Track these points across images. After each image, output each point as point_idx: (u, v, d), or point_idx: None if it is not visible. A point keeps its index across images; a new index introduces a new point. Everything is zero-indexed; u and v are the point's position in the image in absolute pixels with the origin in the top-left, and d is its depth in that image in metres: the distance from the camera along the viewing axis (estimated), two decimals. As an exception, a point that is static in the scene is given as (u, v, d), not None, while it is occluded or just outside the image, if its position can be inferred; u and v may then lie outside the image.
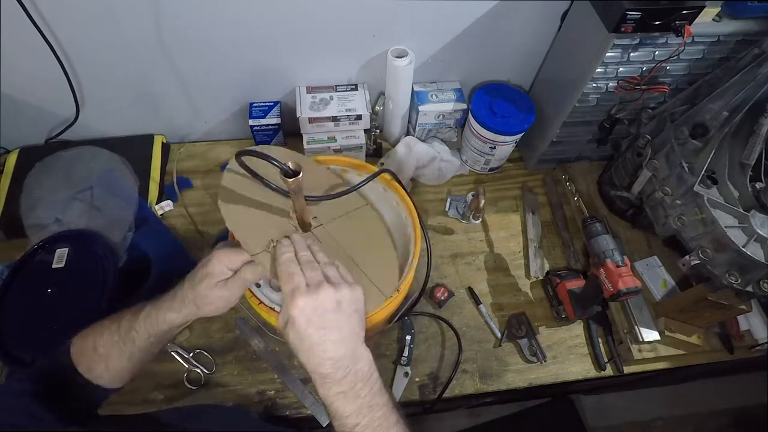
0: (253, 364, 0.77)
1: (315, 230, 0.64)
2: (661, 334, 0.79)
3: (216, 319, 0.81)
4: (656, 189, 0.78)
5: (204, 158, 1.01)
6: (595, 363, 0.81)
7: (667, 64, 0.76)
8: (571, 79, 0.83)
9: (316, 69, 0.92)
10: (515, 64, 0.97)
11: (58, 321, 0.70)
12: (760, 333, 0.81)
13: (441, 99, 0.95)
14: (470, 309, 0.85)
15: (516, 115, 0.90)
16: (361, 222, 0.67)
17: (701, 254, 0.70)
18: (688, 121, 0.75)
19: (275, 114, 0.95)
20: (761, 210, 0.70)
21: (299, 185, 0.49)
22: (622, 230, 0.92)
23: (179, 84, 0.90)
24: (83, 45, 0.79)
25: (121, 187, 0.84)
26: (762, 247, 0.68)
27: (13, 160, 0.92)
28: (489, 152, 0.95)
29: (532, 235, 0.94)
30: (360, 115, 0.93)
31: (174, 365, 0.76)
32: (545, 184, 1.02)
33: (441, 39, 0.89)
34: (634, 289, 0.68)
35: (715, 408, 1.61)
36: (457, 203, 0.96)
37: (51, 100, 0.88)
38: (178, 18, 0.76)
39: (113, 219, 0.79)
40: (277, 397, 0.75)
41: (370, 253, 0.62)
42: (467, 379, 0.79)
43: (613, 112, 0.85)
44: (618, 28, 0.68)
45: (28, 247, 0.77)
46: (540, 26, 0.88)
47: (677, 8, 0.66)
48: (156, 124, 0.98)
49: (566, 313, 0.82)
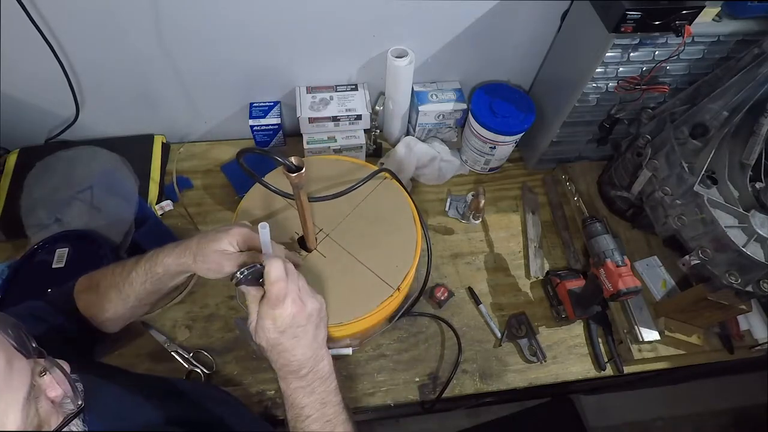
0: (253, 364, 0.77)
1: (320, 240, 0.66)
2: (661, 334, 0.79)
3: (216, 319, 0.81)
4: (656, 189, 0.78)
5: (204, 158, 1.01)
6: (595, 363, 0.81)
7: (667, 64, 0.76)
8: (571, 79, 0.83)
9: (316, 69, 0.92)
10: (515, 64, 0.97)
11: (58, 321, 0.70)
12: (760, 333, 0.81)
13: (441, 99, 0.95)
14: (470, 309, 0.85)
15: (516, 115, 0.90)
16: (364, 220, 0.68)
17: (701, 254, 0.70)
18: (688, 121, 0.75)
19: (275, 114, 0.95)
20: (761, 210, 0.70)
21: (302, 181, 0.49)
22: (622, 230, 0.92)
23: (179, 84, 0.90)
24: (83, 45, 0.79)
25: (121, 187, 0.84)
26: (762, 247, 0.68)
27: (13, 160, 0.92)
28: (489, 152, 0.95)
29: (532, 235, 0.94)
30: (360, 115, 0.93)
31: (174, 365, 0.76)
32: (545, 184, 1.02)
33: (441, 39, 0.89)
34: (634, 289, 0.68)
35: (715, 408, 1.61)
36: (457, 203, 0.96)
37: (51, 100, 0.88)
38: (178, 18, 0.76)
39: (113, 219, 0.79)
40: (277, 396, 0.75)
41: (374, 250, 0.64)
42: (467, 379, 0.79)
43: (613, 112, 0.85)
44: (618, 28, 0.68)
45: (28, 247, 0.77)
46: (540, 26, 0.88)
47: (677, 8, 0.66)
48: (156, 124, 0.98)
49: (566, 313, 0.82)
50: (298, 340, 0.47)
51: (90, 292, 0.57)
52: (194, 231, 0.90)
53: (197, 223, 0.91)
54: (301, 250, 0.66)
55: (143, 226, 0.82)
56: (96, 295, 0.56)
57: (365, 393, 0.76)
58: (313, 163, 0.75)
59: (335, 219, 0.68)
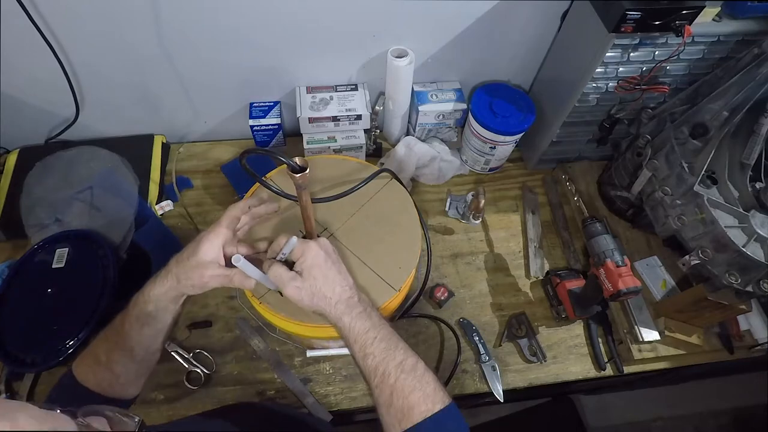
0: (253, 364, 0.77)
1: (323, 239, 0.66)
2: (661, 334, 0.79)
3: (216, 319, 0.81)
4: (656, 189, 0.78)
5: (204, 158, 1.01)
6: (595, 363, 0.81)
7: (667, 64, 0.76)
8: (571, 79, 0.83)
9: (316, 69, 0.92)
10: (515, 64, 0.97)
11: (58, 321, 0.70)
12: (760, 333, 0.81)
13: (441, 99, 0.95)
14: (470, 309, 0.85)
15: (516, 115, 0.90)
16: (366, 220, 0.68)
17: (701, 254, 0.70)
18: (688, 121, 0.75)
19: (275, 114, 0.95)
20: (761, 210, 0.70)
21: (306, 181, 0.49)
22: (622, 230, 0.92)
23: (179, 84, 0.90)
24: (83, 45, 0.79)
25: (121, 187, 0.84)
26: (762, 247, 0.68)
27: (13, 160, 0.92)
28: (489, 152, 0.95)
29: (532, 235, 0.94)
30: (360, 115, 0.93)
31: (174, 365, 0.76)
32: (545, 184, 1.02)
33: (441, 39, 0.89)
34: (634, 289, 0.68)
35: (715, 408, 1.61)
36: (457, 203, 0.96)
37: (51, 100, 0.88)
38: (178, 18, 0.76)
39: (113, 219, 0.79)
40: (277, 397, 0.75)
41: (377, 251, 0.65)
42: (467, 379, 0.79)
43: (613, 112, 0.85)
44: (618, 28, 0.68)
45: (28, 247, 0.77)
46: (540, 26, 0.88)
47: (677, 8, 0.66)
48: (156, 124, 0.98)
49: (566, 313, 0.82)
50: (339, 265, 0.54)
51: (94, 369, 0.53)
52: (194, 231, 0.90)
53: (197, 223, 0.91)
54: None
55: (143, 226, 0.82)
56: (101, 366, 0.53)
57: (365, 393, 0.76)
58: (316, 163, 0.75)
59: (340, 218, 0.68)
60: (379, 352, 0.49)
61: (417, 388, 0.47)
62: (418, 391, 0.47)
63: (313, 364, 0.78)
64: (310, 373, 0.77)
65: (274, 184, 0.61)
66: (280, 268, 0.51)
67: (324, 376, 0.77)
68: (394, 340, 0.51)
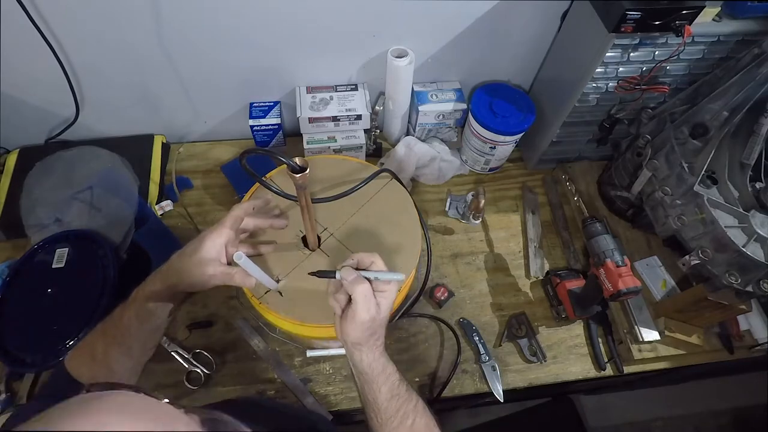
0: (253, 364, 0.77)
1: (325, 240, 0.66)
2: (661, 334, 0.79)
3: (216, 319, 0.81)
4: (656, 189, 0.78)
5: (204, 158, 1.01)
6: (595, 363, 0.81)
7: (667, 64, 0.76)
8: (571, 79, 0.83)
9: (316, 69, 0.92)
10: (515, 64, 0.97)
11: (58, 321, 0.70)
12: (760, 333, 0.81)
13: (441, 99, 0.95)
14: (470, 309, 0.85)
15: (516, 115, 0.90)
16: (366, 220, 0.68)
17: (701, 254, 0.70)
18: (688, 121, 0.75)
19: (275, 114, 0.95)
20: (761, 210, 0.70)
21: (306, 181, 0.49)
22: (622, 230, 0.92)
23: (179, 84, 0.90)
24: (83, 45, 0.79)
25: (121, 187, 0.84)
26: (762, 247, 0.68)
27: (13, 160, 0.92)
28: (489, 152, 0.95)
29: (532, 235, 0.94)
30: (360, 115, 0.93)
31: (174, 365, 0.76)
32: (545, 184, 1.02)
33: (441, 39, 0.89)
34: (634, 289, 0.68)
35: (715, 408, 1.61)
36: (457, 203, 0.96)
37: (51, 100, 0.88)
38: (178, 18, 0.76)
39: (113, 219, 0.79)
40: (277, 397, 0.75)
41: (377, 251, 0.64)
42: (467, 379, 0.79)
43: (613, 112, 0.85)
44: (618, 28, 0.68)
45: (28, 247, 0.77)
46: (540, 26, 0.88)
47: (677, 8, 0.66)
48: (156, 124, 0.98)
49: (566, 313, 0.82)
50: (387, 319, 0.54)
51: (90, 364, 0.53)
52: (194, 231, 0.90)
53: (197, 223, 0.91)
54: (305, 249, 0.67)
55: (143, 226, 0.82)
56: (96, 362, 0.52)
57: (365, 393, 0.76)
58: (316, 163, 0.75)
59: (340, 218, 0.68)
60: (403, 393, 0.53)
61: (430, 425, 0.54)
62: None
63: (313, 364, 0.78)
64: (310, 373, 0.77)
65: (274, 184, 0.61)
66: (367, 286, 0.50)
67: (324, 376, 0.77)
68: (405, 382, 0.55)
